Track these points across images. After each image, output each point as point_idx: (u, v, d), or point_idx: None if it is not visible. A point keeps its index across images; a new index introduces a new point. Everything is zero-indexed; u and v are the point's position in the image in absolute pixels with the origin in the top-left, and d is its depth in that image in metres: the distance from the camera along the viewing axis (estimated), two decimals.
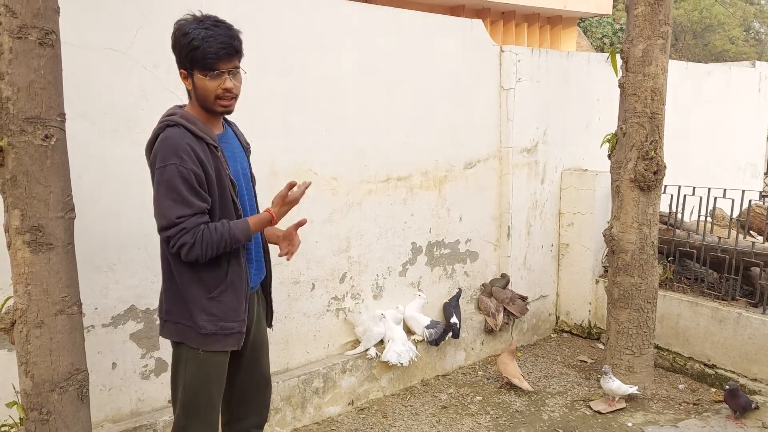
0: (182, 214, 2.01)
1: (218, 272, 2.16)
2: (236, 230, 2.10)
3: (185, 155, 2.01)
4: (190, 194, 2.02)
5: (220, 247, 2.07)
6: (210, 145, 2.11)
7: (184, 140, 2.03)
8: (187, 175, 2.01)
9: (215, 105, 2.11)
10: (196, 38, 2.01)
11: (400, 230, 3.99)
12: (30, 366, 2.10)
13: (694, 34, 26.86)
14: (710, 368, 4.03)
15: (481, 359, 4.43)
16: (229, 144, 2.27)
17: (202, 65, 2.03)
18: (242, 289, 2.22)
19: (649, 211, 3.80)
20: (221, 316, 2.17)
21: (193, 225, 2.02)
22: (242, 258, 2.22)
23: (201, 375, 2.21)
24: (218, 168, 2.12)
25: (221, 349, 2.21)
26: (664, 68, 3.70)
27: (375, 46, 3.71)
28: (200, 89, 2.08)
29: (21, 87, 1.97)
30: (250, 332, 2.37)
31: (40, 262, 2.07)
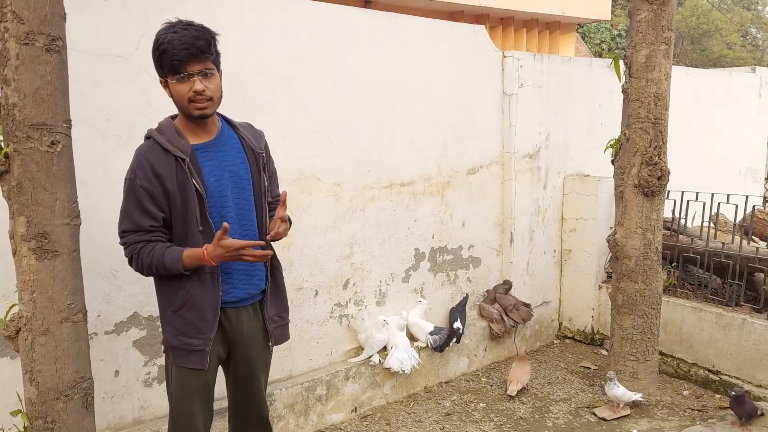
0: (126, 229, 2.11)
1: (179, 285, 2.15)
2: (168, 258, 2.07)
3: (139, 170, 2.07)
4: (135, 210, 2.08)
5: (153, 270, 2.09)
6: (177, 158, 2.08)
7: (143, 155, 2.09)
8: (137, 191, 2.07)
9: (190, 109, 2.08)
10: (163, 42, 2.01)
11: (403, 236, 3.98)
12: (35, 374, 2.08)
13: (691, 40, 26.97)
14: (715, 374, 4.02)
15: (484, 366, 4.41)
16: (217, 152, 2.20)
17: (169, 69, 2.03)
18: (205, 305, 2.15)
19: (653, 217, 3.79)
20: (182, 331, 2.16)
21: (132, 242, 2.10)
22: (207, 271, 2.14)
23: (180, 385, 2.23)
24: (183, 181, 2.09)
25: (184, 365, 2.18)
26: (667, 74, 3.70)
27: (377, 52, 3.71)
28: (175, 94, 2.08)
29: (27, 93, 1.96)
30: (240, 348, 2.30)
31: (46, 270, 2.05)
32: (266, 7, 3.24)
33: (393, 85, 3.80)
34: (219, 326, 2.22)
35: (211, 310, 2.17)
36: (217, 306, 2.18)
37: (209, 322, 2.16)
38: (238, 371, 2.36)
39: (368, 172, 3.74)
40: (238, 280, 2.25)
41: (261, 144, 2.34)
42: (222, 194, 2.18)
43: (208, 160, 2.17)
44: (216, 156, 2.19)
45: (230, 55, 3.06)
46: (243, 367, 2.34)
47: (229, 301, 2.23)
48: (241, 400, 2.41)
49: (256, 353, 2.35)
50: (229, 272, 2.22)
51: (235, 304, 2.25)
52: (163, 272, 2.09)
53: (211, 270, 2.15)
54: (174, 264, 2.06)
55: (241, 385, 2.39)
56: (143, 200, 2.06)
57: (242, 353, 2.32)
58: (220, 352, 2.28)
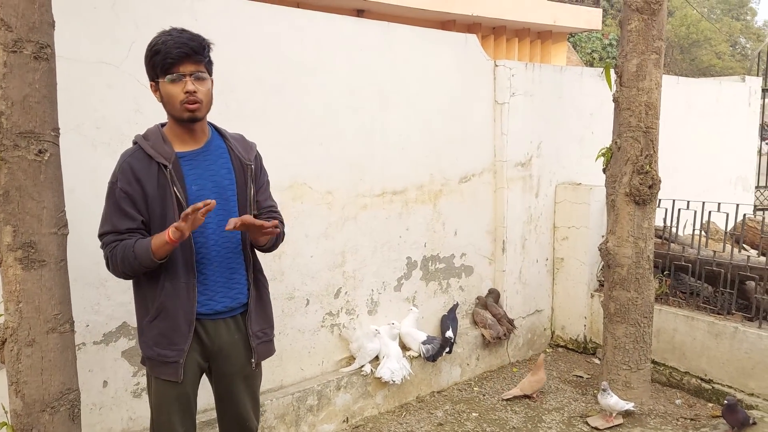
0: (103, 231, 2.12)
1: (154, 294, 2.13)
2: (138, 248, 2.03)
3: (121, 174, 2.08)
4: (113, 213, 2.09)
5: (126, 265, 2.05)
6: (160, 164, 2.08)
7: (126, 159, 2.10)
8: (117, 194, 2.08)
9: (181, 110, 2.06)
10: (157, 44, 2.04)
11: (395, 244, 3.96)
12: (20, 385, 2.05)
13: (681, 49, 27.22)
14: (707, 383, 4.01)
15: (477, 375, 4.39)
16: (202, 161, 2.16)
17: (161, 69, 2.04)
18: (179, 316, 2.11)
19: (645, 225, 3.80)
20: (155, 341, 2.14)
21: (108, 242, 2.10)
22: (184, 281, 2.11)
23: (159, 396, 2.20)
24: (164, 187, 2.08)
25: (158, 376, 2.16)
26: (658, 83, 3.72)
27: (370, 60, 3.71)
28: (165, 96, 2.07)
29: (15, 101, 1.94)
30: (216, 363, 2.24)
31: (32, 279, 2.02)
32: (258, 16, 3.24)
33: (385, 93, 3.80)
34: (197, 338, 2.18)
35: (186, 321, 2.13)
36: (192, 317, 2.14)
37: (183, 333, 2.13)
38: (219, 386, 2.31)
39: (360, 180, 3.73)
40: (215, 291, 2.19)
41: (251, 155, 2.29)
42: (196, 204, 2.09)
43: (192, 169, 2.14)
44: (201, 165, 2.16)
45: (222, 64, 3.05)
46: (223, 382, 2.29)
47: (207, 313, 2.18)
48: (223, 415, 2.36)
49: (236, 368, 2.27)
50: (205, 283, 2.17)
51: (213, 316, 2.20)
52: (135, 264, 2.03)
53: (186, 280, 2.12)
54: (144, 251, 2.01)
55: (223, 400, 2.33)
56: (122, 203, 2.07)
57: (222, 368, 2.26)
58: (200, 363, 2.23)
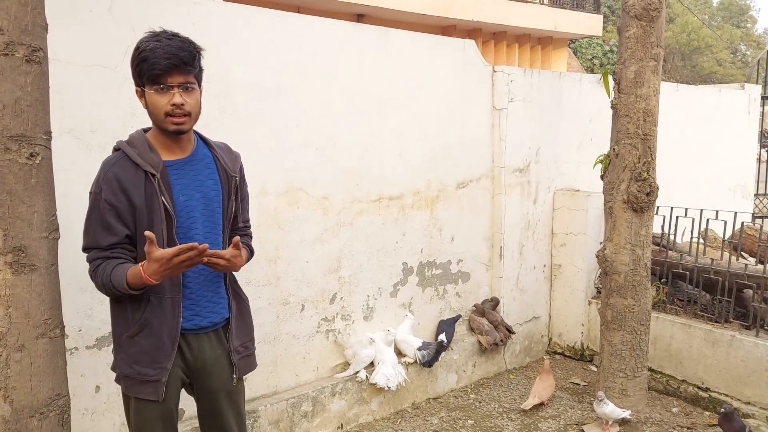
0: (87, 245, 2.06)
1: (136, 309, 2.03)
2: (114, 278, 1.94)
3: (105, 184, 1.98)
4: (97, 227, 2.01)
5: (107, 290, 1.99)
6: (147, 173, 1.99)
7: (110, 168, 2.00)
8: (101, 206, 1.98)
9: (166, 123, 1.97)
10: (145, 50, 1.92)
11: (391, 250, 3.95)
12: (9, 391, 2.02)
13: (682, 56, 27.24)
14: (704, 391, 3.99)
15: (473, 382, 4.37)
16: (189, 171, 2.09)
17: (148, 78, 1.93)
18: (163, 332, 2.02)
19: (642, 233, 3.78)
20: (135, 359, 2.03)
21: (91, 258, 2.04)
22: (169, 295, 2.03)
23: (140, 416, 2.10)
24: (151, 198, 1.99)
25: (136, 395, 2.06)
26: (656, 90, 3.71)
27: (367, 66, 3.70)
28: (151, 106, 1.98)
29: (6, 104, 1.92)
30: (199, 379, 2.16)
31: (22, 284, 2.00)
32: (255, 20, 3.23)
33: (382, 98, 3.79)
34: (179, 354, 2.10)
35: (170, 338, 2.04)
36: (176, 334, 2.05)
37: (166, 351, 2.04)
38: (203, 403, 2.22)
39: (357, 186, 3.71)
40: (201, 306, 2.13)
41: (236, 167, 2.22)
42: (190, 215, 2.08)
43: (179, 179, 2.06)
44: (188, 175, 2.09)
45: (218, 67, 3.06)
46: (207, 399, 2.20)
47: (190, 328, 2.11)
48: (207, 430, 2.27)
49: (220, 384, 2.19)
50: (191, 298, 2.10)
51: (196, 331, 2.13)
52: (113, 291, 1.96)
53: (172, 295, 2.04)
54: (119, 283, 1.93)
55: (206, 417, 2.23)
56: (107, 216, 1.98)
57: (204, 384, 2.18)
58: (182, 378, 2.14)
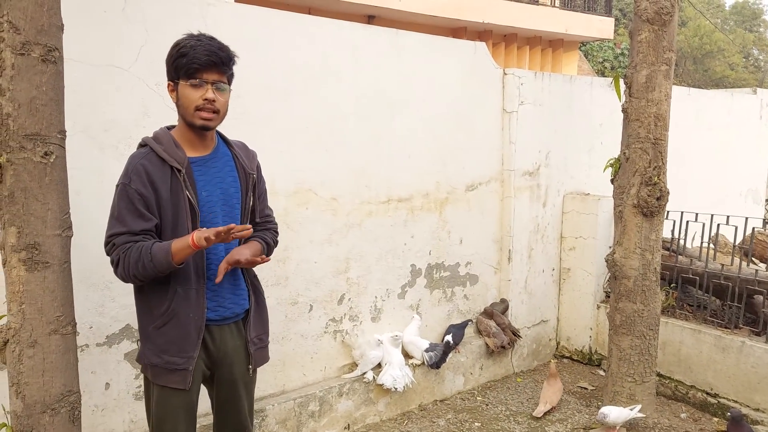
0: (115, 231, 2.04)
1: (163, 301, 2.09)
2: (156, 250, 1.98)
3: (134, 175, 2.03)
4: (127, 213, 2.03)
5: (139, 267, 1.98)
6: (173, 168, 2.06)
7: (139, 161, 2.06)
8: (131, 195, 2.02)
9: (194, 117, 2.06)
10: (184, 47, 2.03)
11: (399, 252, 3.95)
12: (21, 387, 2.05)
13: (694, 60, 27.10)
14: (713, 397, 3.97)
15: (480, 384, 4.37)
16: (211, 167, 2.18)
17: (185, 72, 2.03)
18: (190, 322, 2.10)
19: (652, 237, 3.77)
20: (163, 349, 2.10)
21: (121, 242, 2.03)
22: (194, 287, 2.11)
23: (163, 406, 2.15)
24: (176, 192, 2.06)
25: (165, 384, 2.12)
26: (667, 94, 3.70)
27: (377, 67, 3.71)
28: (182, 99, 2.06)
29: (22, 103, 1.95)
30: (224, 369, 2.24)
31: (36, 281, 2.03)
32: (266, 21, 3.25)
33: (392, 100, 3.80)
34: (203, 345, 2.17)
35: (195, 327, 2.11)
36: (202, 324, 2.13)
37: (192, 340, 2.11)
38: (221, 392, 2.29)
39: (366, 187, 3.72)
40: (224, 297, 2.20)
41: (253, 165, 2.31)
42: (212, 210, 2.15)
43: (201, 175, 2.14)
44: (209, 171, 2.16)
45: None
46: (226, 388, 2.28)
47: (214, 319, 2.18)
48: (225, 421, 2.34)
49: (239, 374, 2.27)
50: (215, 289, 2.17)
51: (219, 322, 2.20)
52: (149, 266, 1.97)
53: (197, 286, 2.11)
54: (163, 254, 1.97)
55: (224, 406, 2.32)
56: (137, 204, 2.02)
57: (226, 374, 2.25)
58: (204, 371, 2.22)
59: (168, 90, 2.12)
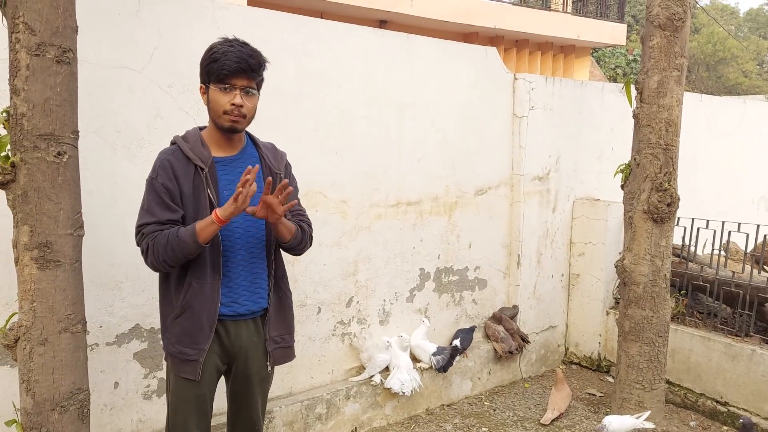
0: (143, 222, 2.13)
1: (179, 293, 2.17)
2: (182, 232, 2.04)
3: (161, 170, 2.13)
4: (155, 205, 2.11)
5: (168, 251, 2.04)
6: (197, 166, 2.14)
7: (166, 156, 2.16)
8: (157, 188, 2.12)
9: (222, 119, 2.13)
10: (217, 52, 2.10)
11: (408, 255, 3.96)
12: (31, 384, 2.08)
13: (707, 67, 26.94)
14: (722, 405, 3.94)
15: (488, 389, 4.35)
16: (236, 167, 2.22)
17: (216, 77, 2.09)
18: (203, 315, 2.15)
19: (662, 244, 3.75)
20: (177, 339, 2.18)
21: (149, 231, 2.11)
22: (209, 281, 2.15)
23: (177, 396, 2.24)
24: (198, 189, 2.14)
25: (178, 374, 2.19)
26: (679, 100, 3.68)
27: (388, 71, 3.72)
28: (212, 102, 2.14)
29: (36, 104, 1.98)
30: (239, 363, 2.28)
31: (47, 279, 2.05)
32: (278, 24, 3.27)
33: (403, 104, 3.81)
34: (217, 339, 2.22)
35: (208, 321, 2.16)
36: (214, 317, 2.17)
37: (204, 333, 2.16)
38: (236, 386, 2.35)
39: (375, 190, 3.73)
40: (238, 294, 2.24)
41: (281, 165, 2.36)
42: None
43: (226, 174, 2.20)
44: (234, 171, 2.22)
45: None
46: (240, 382, 2.33)
47: (229, 315, 2.22)
48: (236, 415, 2.40)
49: (254, 370, 2.31)
50: (230, 285, 2.21)
51: (234, 317, 2.24)
52: (177, 249, 2.03)
53: (212, 281, 2.16)
54: (188, 235, 2.02)
55: (237, 400, 2.37)
56: (164, 197, 2.11)
57: (240, 369, 2.30)
58: (218, 365, 2.26)
59: (200, 92, 2.20)
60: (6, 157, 2.02)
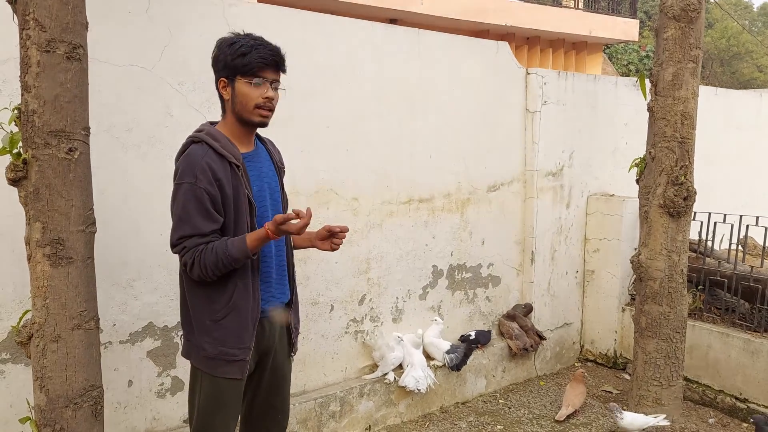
0: (185, 234, 2.02)
1: (224, 294, 2.10)
2: (232, 248, 2.00)
3: (201, 174, 2.00)
4: (197, 214, 2.01)
5: (219, 266, 2.00)
6: (232, 164, 2.07)
7: (203, 159, 2.02)
8: (199, 195, 1.99)
9: (253, 114, 2.08)
10: (244, 45, 2.04)
11: (420, 253, 3.93)
12: (45, 381, 2.08)
13: (721, 62, 26.66)
14: (742, 402, 3.87)
15: (502, 387, 4.32)
16: (257, 162, 2.21)
17: (248, 71, 2.04)
18: (248, 314, 2.12)
19: (679, 238, 3.70)
20: (222, 341, 2.10)
21: (193, 245, 2.01)
22: (251, 280, 2.13)
23: (213, 398, 2.16)
24: (237, 187, 2.07)
25: (223, 376, 2.13)
26: (694, 92, 3.63)
27: (398, 67, 3.70)
28: (241, 96, 2.06)
29: (47, 100, 1.98)
30: (269, 357, 2.29)
31: (59, 276, 2.05)
32: (287, 21, 3.26)
33: (413, 100, 3.78)
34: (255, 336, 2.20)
35: (252, 319, 2.14)
36: (257, 315, 2.16)
37: (249, 331, 2.13)
38: (270, 379, 2.32)
39: (387, 187, 3.71)
40: (274, 288, 2.25)
41: (282, 160, 2.38)
42: (263, 203, 2.19)
43: (251, 170, 2.16)
44: (255, 166, 2.19)
45: None
46: (272, 374, 2.31)
47: (266, 309, 2.23)
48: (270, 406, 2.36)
49: (282, 360, 2.34)
50: (267, 281, 2.22)
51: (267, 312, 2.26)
52: (227, 263, 2.00)
53: (253, 279, 2.14)
54: (240, 250, 2.00)
55: (271, 391, 2.34)
56: (206, 203, 2.01)
57: (272, 361, 2.30)
58: (251, 364, 2.24)
59: (220, 87, 2.11)
60: (18, 154, 2.02)
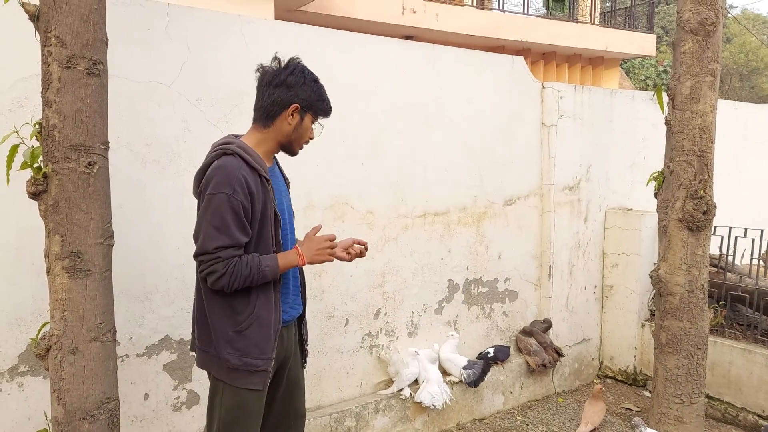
0: (221, 244, 2.03)
1: (246, 305, 2.13)
2: (265, 267, 2.09)
3: (238, 186, 2.03)
4: (233, 226, 2.04)
5: (248, 281, 2.07)
6: (262, 177, 2.12)
7: (239, 171, 2.05)
8: (236, 207, 2.03)
9: (299, 147, 2.30)
10: (322, 88, 2.31)
11: (436, 266, 3.92)
12: (62, 393, 2.09)
13: (740, 77, 26.45)
14: (765, 420, 3.79)
15: (520, 404, 4.26)
16: (276, 178, 2.29)
17: (320, 114, 2.29)
18: (270, 325, 2.16)
19: (699, 253, 3.64)
20: (245, 352, 2.12)
21: (227, 256, 2.04)
22: (273, 291, 2.17)
23: (236, 409, 2.17)
24: (266, 201, 2.13)
25: (244, 386, 2.14)
26: (712, 106, 3.60)
27: (413, 82, 3.71)
28: (303, 130, 2.26)
29: (67, 115, 2.01)
30: (287, 365, 2.34)
31: (78, 288, 2.07)
32: (304, 37, 3.29)
33: (429, 114, 3.79)
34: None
35: (274, 330, 2.18)
36: (279, 326, 2.20)
37: (271, 342, 2.17)
38: (286, 387, 2.38)
39: (402, 201, 3.71)
40: (291, 299, 2.32)
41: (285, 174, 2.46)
42: (284, 217, 2.27)
43: (274, 185, 2.23)
44: (276, 181, 2.27)
45: None
46: (287, 383, 2.37)
47: (285, 320, 2.27)
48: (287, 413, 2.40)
49: (296, 369, 2.41)
50: (285, 292, 2.28)
51: (288, 323, 2.31)
52: (257, 279, 2.08)
53: (274, 291, 2.18)
54: (272, 271, 2.11)
55: (287, 399, 2.39)
56: (242, 216, 2.06)
57: (290, 371, 2.37)
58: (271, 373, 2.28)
59: (292, 110, 2.20)
60: (38, 168, 2.05)
